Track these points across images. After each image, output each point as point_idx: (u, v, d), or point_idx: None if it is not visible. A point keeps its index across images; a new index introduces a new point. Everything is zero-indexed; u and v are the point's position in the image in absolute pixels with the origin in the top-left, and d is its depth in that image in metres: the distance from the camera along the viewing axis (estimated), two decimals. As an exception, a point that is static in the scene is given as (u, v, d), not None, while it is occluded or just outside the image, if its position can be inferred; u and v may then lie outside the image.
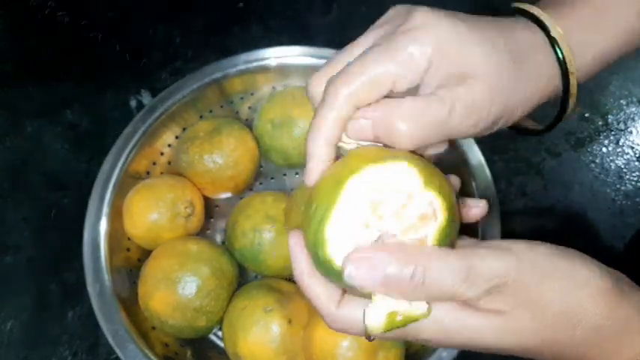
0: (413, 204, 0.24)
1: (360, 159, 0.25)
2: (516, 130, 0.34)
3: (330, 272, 0.25)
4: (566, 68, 0.29)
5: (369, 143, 0.28)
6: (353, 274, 0.23)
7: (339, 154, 0.28)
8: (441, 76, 0.26)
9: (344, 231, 0.24)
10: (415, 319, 0.24)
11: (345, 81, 0.26)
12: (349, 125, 0.27)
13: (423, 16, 0.26)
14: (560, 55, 0.28)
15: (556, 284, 0.24)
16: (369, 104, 0.27)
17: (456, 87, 0.26)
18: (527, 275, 0.24)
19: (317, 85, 0.28)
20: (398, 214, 0.24)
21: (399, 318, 0.24)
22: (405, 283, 0.23)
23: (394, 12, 0.29)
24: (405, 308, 0.24)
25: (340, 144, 0.28)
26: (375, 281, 0.23)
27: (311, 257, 0.27)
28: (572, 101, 0.30)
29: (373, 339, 0.26)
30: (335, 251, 0.24)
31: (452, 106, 0.26)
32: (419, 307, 0.24)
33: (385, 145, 0.27)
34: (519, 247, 0.25)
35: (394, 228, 0.24)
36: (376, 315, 0.24)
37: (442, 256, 0.24)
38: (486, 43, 0.26)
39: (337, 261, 0.24)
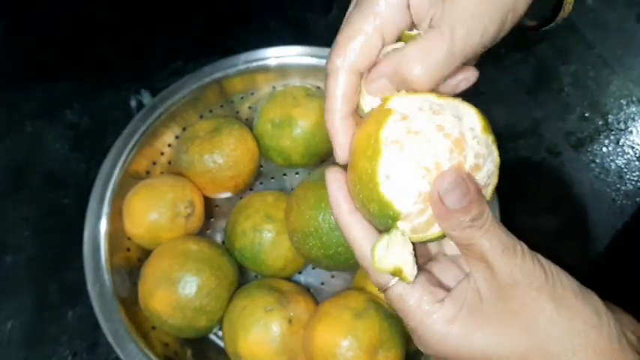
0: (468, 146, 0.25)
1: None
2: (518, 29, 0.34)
3: (383, 213, 0.25)
4: None
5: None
6: (443, 193, 0.24)
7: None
8: (427, 4, 0.26)
9: (401, 173, 0.25)
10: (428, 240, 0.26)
11: (337, 53, 0.27)
12: (369, 89, 0.27)
13: None
14: None
15: (564, 320, 0.25)
16: (376, 63, 0.27)
17: (449, 9, 0.25)
18: (542, 297, 0.25)
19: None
20: (451, 155, 0.25)
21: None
22: (467, 221, 0.24)
23: None
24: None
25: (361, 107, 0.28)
26: (457, 205, 0.24)
27: (361, 204, 0.27)
28: None
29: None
30: (393, 192, 0.25)
31: (451, 31, 0.25)
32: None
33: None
34: (551, 268, 0.26)
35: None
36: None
37: (499, 225, 0.25)
38: None
39: (396, 204, 0.25)
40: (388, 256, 0.25)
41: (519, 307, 0.25)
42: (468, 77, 0.28)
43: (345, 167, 0.28)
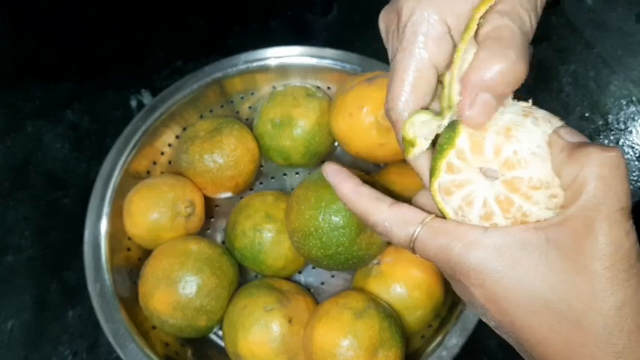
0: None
1: None
2: None
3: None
4: None
5: None
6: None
7: None
8: (465, 19, 0.26)
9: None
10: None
11: (393, 98, 0.27)
12: (470, 120, 0.25)
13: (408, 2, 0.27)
14: None
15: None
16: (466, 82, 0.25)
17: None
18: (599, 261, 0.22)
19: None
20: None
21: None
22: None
23: (384, 17, 0.29)
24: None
25: None
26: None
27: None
28: None
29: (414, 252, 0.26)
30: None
31: (517, 13, 0.25)
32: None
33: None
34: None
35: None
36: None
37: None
38: None
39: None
40: (416, 127, 0.27)
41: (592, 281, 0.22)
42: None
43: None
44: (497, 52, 0.24)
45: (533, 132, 0.24)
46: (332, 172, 0.29)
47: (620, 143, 0.61)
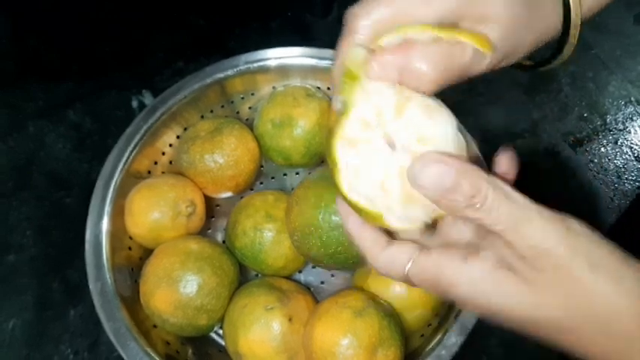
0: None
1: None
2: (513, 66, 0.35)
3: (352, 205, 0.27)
4: (569, 13, 0.30)
5: None
6: (418, 175, 0.24)
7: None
8: (461, 15, 0.27)
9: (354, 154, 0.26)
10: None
11: (369, 9, 0.28)
12: (374, 64, 0.27)
13: None
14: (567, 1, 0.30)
15: (600, 281, 0.23)
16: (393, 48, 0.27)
17: (477, 28, 0.27)
18: (577, 259, 0.23)
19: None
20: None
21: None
22: (463, 201, 0.24)
23: None
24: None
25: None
26: (438, 189, 0.24)
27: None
28: (574, 32, 0.31)
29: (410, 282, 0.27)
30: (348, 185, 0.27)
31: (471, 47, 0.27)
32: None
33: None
34: (577, 226, 0.24)
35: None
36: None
37: (506, 198, 0.24)
38: None
39: (350, 194, 0.27)
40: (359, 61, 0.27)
41: (552, 276, 0.23)
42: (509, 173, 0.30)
43: None
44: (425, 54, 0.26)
45: (448, 121, 0.27)
46: (340, 205, 0.30)
47: (619, 143, 0.62)
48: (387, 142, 0.26)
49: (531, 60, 0.35)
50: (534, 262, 0.24)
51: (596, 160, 0.61)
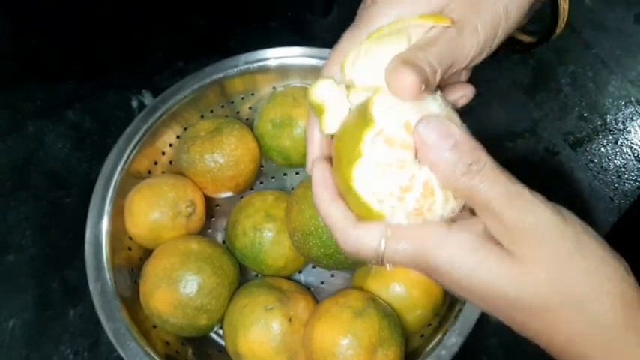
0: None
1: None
2: (511, 48, 0.35)
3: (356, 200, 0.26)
4: None
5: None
6: (422, 130, 0.24)
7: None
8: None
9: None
10: None
11: (329, 62, 0.30)
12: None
13: None
14: None
15: (582, 265, 0.24)
16: None
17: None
18: (563, 240, 0.24)
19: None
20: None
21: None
22: (461, 167, 0.24)
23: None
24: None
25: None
26: (440, 147, 0.24)
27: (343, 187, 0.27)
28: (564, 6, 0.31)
29: (385, 263, 0.26)
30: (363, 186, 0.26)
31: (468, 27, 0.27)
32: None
33: None
34: (567, 213, 0.25)
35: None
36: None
37: (502, 172, 0.24)
38: None
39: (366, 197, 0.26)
40: (324, 90, 0.29)
41: (537, 253, 0.24)
42: (467, 94, 0.30)
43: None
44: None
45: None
46: (317, 172, 0.29)
47: (619, 143, 0.62)
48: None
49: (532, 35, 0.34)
50: (521, 235, 0.24)
51: (596, 160, 0.61)
